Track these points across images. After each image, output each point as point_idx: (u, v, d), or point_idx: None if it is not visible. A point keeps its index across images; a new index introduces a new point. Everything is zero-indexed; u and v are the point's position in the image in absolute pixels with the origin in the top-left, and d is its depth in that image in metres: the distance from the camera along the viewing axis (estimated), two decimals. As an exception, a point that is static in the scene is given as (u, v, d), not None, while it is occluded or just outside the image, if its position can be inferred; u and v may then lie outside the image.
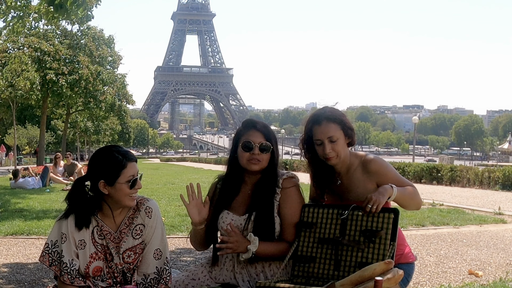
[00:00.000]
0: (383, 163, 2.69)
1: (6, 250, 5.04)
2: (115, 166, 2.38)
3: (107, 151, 2.45)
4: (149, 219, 2.48)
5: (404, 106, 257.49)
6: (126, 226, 2.48)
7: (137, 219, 2.49)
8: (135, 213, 2.49)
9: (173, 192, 11.27)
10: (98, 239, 2.45)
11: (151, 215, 2.49)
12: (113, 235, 2.46)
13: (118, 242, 2.46)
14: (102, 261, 2.45)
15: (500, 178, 13.50)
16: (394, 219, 2.44)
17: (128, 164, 2.39)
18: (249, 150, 2.62)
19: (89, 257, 2.42)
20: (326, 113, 2.66)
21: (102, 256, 2.45)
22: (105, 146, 2.58)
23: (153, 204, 2.53)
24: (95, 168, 2.43)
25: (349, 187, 2.69)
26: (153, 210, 2.50)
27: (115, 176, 2.37)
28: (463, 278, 3.96)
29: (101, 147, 2.62)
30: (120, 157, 2.40)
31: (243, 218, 2.62)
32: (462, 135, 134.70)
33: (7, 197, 10.02)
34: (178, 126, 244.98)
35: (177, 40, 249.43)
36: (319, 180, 2.78)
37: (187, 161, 57.61)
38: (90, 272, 2.42)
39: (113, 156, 2.40)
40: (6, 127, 48.54)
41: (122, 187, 2.38)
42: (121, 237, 2.47)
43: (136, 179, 2.41)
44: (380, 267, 2.23)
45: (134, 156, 2.48)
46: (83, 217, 2.43)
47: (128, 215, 2.49)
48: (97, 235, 2.45)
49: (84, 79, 29.52)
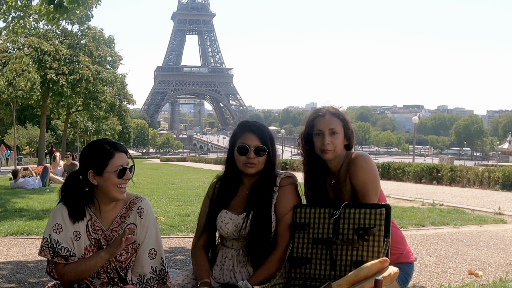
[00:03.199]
0: (363, 163, 2.61)
1: (6, 250, 5.04)
2: (103, 155, 2.41)
3: (96, 142, 2.49)
4: (140, 219, 2.48)
5: (404, 106, 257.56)
6: (118, 225, 2.49)
7: (129, 218, 2.49)
8: (127, 212, 2.50)
9: (173, 192, 11.26)
10: (92, 233, 2.47)
11: (143, 215, 2.49)
12: (104, 232, 2.47)
13: (109, 240, 2.47)
14: None
15: (500, 178, 13.49)
16: (386, 214, 2.42)
17: (116, 153, 2.42)
18: (244, 154, 2.63)
19: (84, 249, 2.44)
20: (331, 109, 2.71)
21: (96, 250, 2.46)
22: (96, 139, 2.62)
23: (145, 204, 2.52)
24: (85, 159, 2.47)
25: (341, 186, 2.69)
26: (145, 210, 2.50)
27: (103, 165, 2.40)
28: (463, 278, 3.96)
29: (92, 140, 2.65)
30: (108, 147, 2.43)
31: (241, 217, 2.63)
32: (462, 135, 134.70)
33: (7, 197, 10.03)
34: (178, 126, 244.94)
35: (177, 40, 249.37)
36: (312, 178, 2.77)
37: (187, 161, 57.61)
38: None
39: (102, 146, 2.44)
40: (6, 127, 48.53)
41: (110, 176, 2.39)
42: (112, 236, 2.47)
43: (125, 169, 2.42)
44: (376, 265, 2.23)
45: (123, 147, 2.50)
46: (76, 209, 2.44)
47: (120, 213, 2.50)
48: (91, 228, 2.47)
49: (84, 79, 29.48)
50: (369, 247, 2.41)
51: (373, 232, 2.41)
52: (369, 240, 2.42)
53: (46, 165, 17.15)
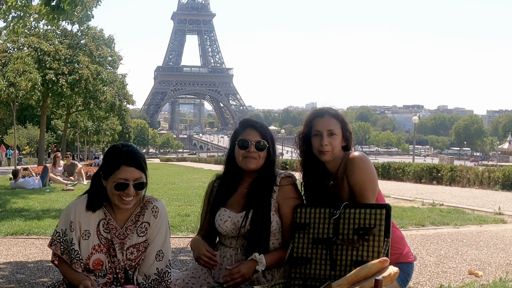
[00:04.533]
0: (360, 163, 2.61)
1: (6, 250, 5.03)
2: (110, 164, 2.42)
3: (115, 147, 2.49)
4: (154, 218, 2.50)
5: (404, 106, 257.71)
6: (133, 223, 2.50)
7: (143, 217, 2.50)
8: (142, 211, 2.51)
9: (173, 192, 11.26)
10: (104, 232, 2.47)
11: (157, 215, 2.50)
12: (118, 231, 2.48)
13: (123, 238, 2.48)
14: (104, 255, 2.46)
15: (500, 178, 13.48)
16: (386, 214, 2.43)
17: (122, 167, 2.38)
18: (244, 148, 2.63)
19: (92, 248, 2.44)
20: (330, 110, 2.72)
21: (105, 250, 2.46)
22: (123, 142, 2.63)
23: (160, 205, 2.54)
24: (103, 158, 2.52)
25: (339, 187, 2.69)
26: (160, 211, 2.52)
27: (109, 173, 2.41)
28: (463, 278, 3.95)
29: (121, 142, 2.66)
30: (119, 157, 2.41)
31: (240, 215, 2.64)
32: (462, 135, 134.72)
33: (7, 197, 10.02)
34: (178, 126, 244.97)
35: (177, 40, 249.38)
36: (309, 179, 2.77)
37: (187, 161, 57.61)
38: (90, 264, 2.43)
39: (114, 154, 2.44)
40: (6, 127, 48.53)
41: (111, 186, 2.41)
42: (126, 234, 2.49)
43: (127, 184, 2.38)
44: (376, 265, 2.23)
45: (136, 160, 2.41)
46: (94, 200, 2.47)
47: (135, 212, 2.51)
48: (103, 228, 2.47)
49: (84, 79, 29.47)
50: (369, 247, 2.42)
51: (373, 232, 2.41)
52: (369, 240, 2.42)
53: (46, 165, 17.14)
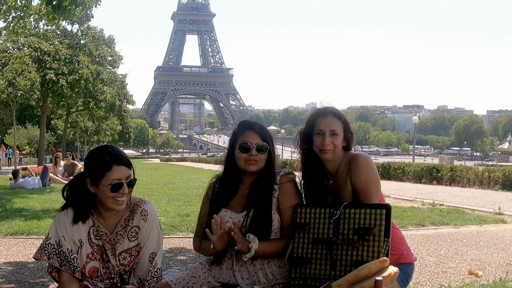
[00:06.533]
0: (364, 163, 2.62)
1: (6, 250, 5.03)
2: (100, 166, 2.34)
3: (99, 150, 2.42)
4: (144, 222, 2.47)
5: (404, 106, 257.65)
6: (122, 228, 2.47)
7: (133, 221, 2.47)
8: (131, 215, 2.48)
9: (173, 192, 11.26)
10: (95, 239, 2.44)
11: (147, 218, 2.47)
12: (109, 237, 2.45)
13: (114, 244, 2.45)
14: (98, 262, 2.44)
15: (500, 178, 13.49)
16: (386, 214, 2.43)
17: (114, 167, 2.34)
18: (246, 151, 2.63)
19: (86, 257, 2.42)
20: (333, 110, 2.72)
21: (99, 257, 2.44)
22: (102, 145, 2.55)
23: (149, 207, 2.50)
24: (85, 165, 2.43)
25: (339, 187, 2.69)
26: (149, 213, 2.48)
27: (99, 176, 2.34)
28: (463, 278, 3.96)
29: (99, 145, 2.60)
30: (108, 158, 2.35)
31: (241, 216, 2.64)
32: (462, 135, 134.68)
33: (7, 197, 10.02)
34: (178, 126, 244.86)
35: (177, 40, 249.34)
36: (309, 177, 2.77)
37: (187, 161, 57.60)
38: (86, 272, 2.42)
39: (102, 156, 2.37)
40: (6, 127, 48.52)
41: (105, 189, 2.34)
42: (117, 239, 2.46)
43: (122, 184, 2.34)
44: (376, 265, 2.23)
45: (125, 159, 2.40)
46: (80, 211, 2.40)
47: (124, 217, 2.48)
48: (93, 235, 2.44)
49: (84, 79, 29.48)
50: (369, 247, 2.41)
51: (374, 232, 2.41)
52: (369, 240, 2.42)
53: (46, 165, 17.14)
